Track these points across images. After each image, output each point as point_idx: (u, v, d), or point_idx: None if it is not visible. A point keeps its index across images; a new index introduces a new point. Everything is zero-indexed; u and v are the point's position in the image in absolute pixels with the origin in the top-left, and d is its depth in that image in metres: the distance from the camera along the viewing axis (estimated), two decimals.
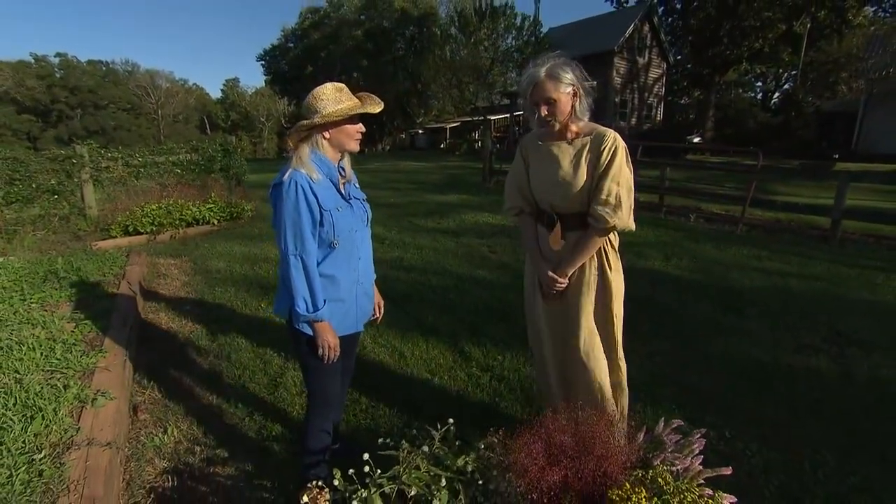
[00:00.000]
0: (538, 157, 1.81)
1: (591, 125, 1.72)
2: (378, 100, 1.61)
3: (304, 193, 1.49)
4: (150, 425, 2.34)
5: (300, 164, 1.53)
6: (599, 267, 1.76)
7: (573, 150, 1.71)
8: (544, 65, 1.63)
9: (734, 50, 21.61)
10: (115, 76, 50.64)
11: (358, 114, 1.57)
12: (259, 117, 44.84)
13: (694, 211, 7.51)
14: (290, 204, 1.49)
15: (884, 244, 5.77)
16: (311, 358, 1.65)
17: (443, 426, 1.50)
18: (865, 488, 1.89)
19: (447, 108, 30.29)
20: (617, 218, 1.64)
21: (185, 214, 6.39)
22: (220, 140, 8.49)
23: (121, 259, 4.83)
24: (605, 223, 1.65)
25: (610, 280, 1.77)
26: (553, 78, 1.61)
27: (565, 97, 1.63)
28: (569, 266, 1.76)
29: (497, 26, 21.10)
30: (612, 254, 1.78)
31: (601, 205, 1.65)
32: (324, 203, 1.53)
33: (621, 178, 1.64)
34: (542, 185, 1.79)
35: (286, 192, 1.49)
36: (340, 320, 1.67)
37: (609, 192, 1.64)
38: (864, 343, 3.14)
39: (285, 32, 38.74)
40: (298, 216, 1.49)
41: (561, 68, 1.61)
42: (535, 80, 1.63)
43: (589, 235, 1.71)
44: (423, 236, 6.23)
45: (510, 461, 1.31)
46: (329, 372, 1.71)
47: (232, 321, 3.55)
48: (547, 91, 1.62)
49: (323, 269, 1.58)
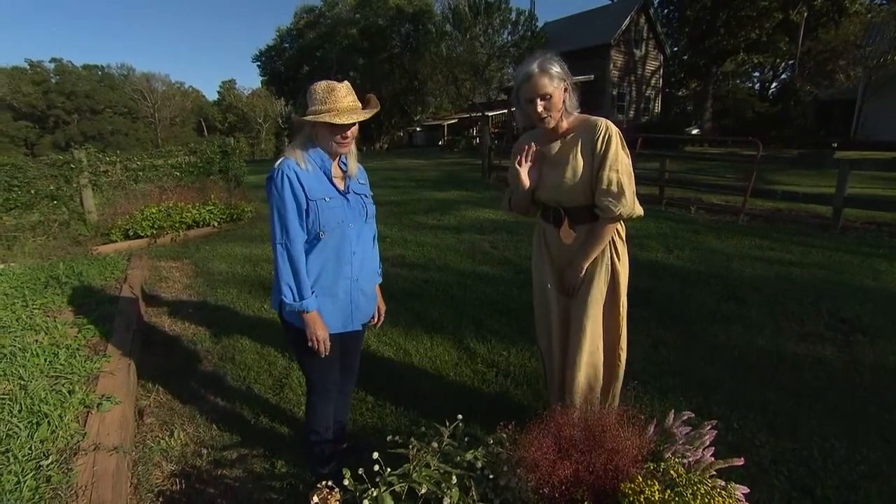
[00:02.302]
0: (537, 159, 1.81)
1: (581, 117, 1.73)
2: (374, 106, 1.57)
3: (290, 182, 1.51)
4: (157, 429, 2.33)
5: (291, 152, 1.56)
6: (610, 257, 1.77)
7: (568, 147, 1.72)
8: (535, 60, 1.63)
9: (731, 40, 21.54)
10: (111, 80, 50.54)
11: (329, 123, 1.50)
12: (256, 118, 44.73)
13: (694, 202, 7.49)
14: (276, 192, 1.52)
15: (885, 231, 5.74)
16: (303, 348, 1.66)
17: (451, 423, 1.49)
18: (874, 475, 1.89)
19: (444, 105, 30.27)
20: (622, 206, 1.64)
21: (185, 217, 6.38)
22: (219, 142, 8.48)
23: (122, 263, 4.82)
24: (610, 213, 1.65)
25: (619, 270, 1.78)
26: (546, 73, 1.61)
27: (558, 92, 1.64)
28: (584, 259, 1.76)
29: (492, 21, 21.05)
30: (619, 243, 1.80)
31: (604, 195, 1.65)
32: (310, 192, 1.53)
33: (619, 164, 1.64)
34: (545, 187, 1.80)
35: (274, 182, 1.52)
36: (333, 316, 1.66)
37: (610, 182, 1.64)
38: (868, 330, 3.13)
39: (280, 33, 38.59)
40: (283, 204, 1.51)
41: (551, 63, 1.62)
42: (529, 75, 1.62)
43: (600, 226, 1.72)
44: (425, 233, 6.22)
45: (520, 456, 1.30)
46: (324, 359, 1.71)
47: (235, 322, 3.55)
48: (542, 86, 1.62)
49: (310, 260, 1.58)
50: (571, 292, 1.83)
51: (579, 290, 1.81)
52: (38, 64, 45.93)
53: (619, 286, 1.79)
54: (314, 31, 35.22)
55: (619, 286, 1.79)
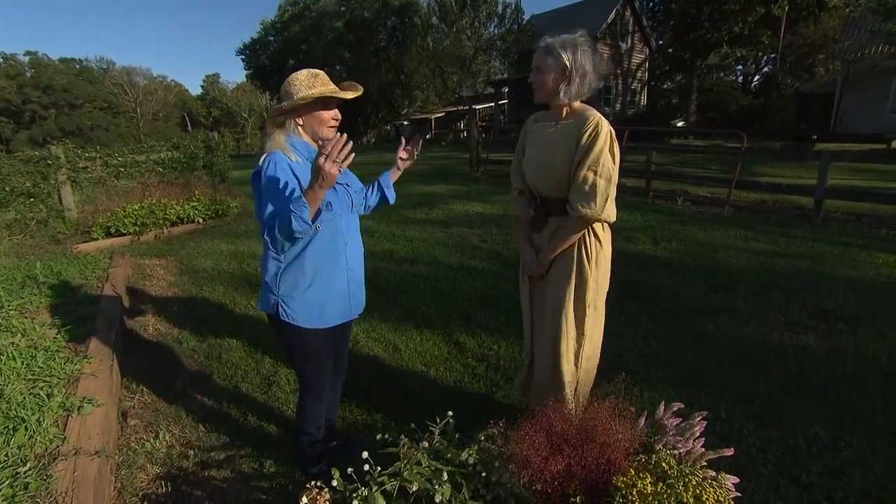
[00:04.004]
0: (531, 138, 1.80)
1: (582, 108, 1.68)
2: (357, 86, 1.57)
3: (285, 165, 1.46)
4: (141, 431, 2.28)
5: (275, 147, 1.50)
6: (578, 258, 1.71)
7: (558, 133, 1.69)
8: (557, 36, 1.61)
9: (715, 33, 21.73)
10: (90, 74, 49.14)
11: (332, 99, 1.52)
12: (241, 113, 43.90)
13: (681, 194, 7.56)
14: (269, 175, 1.44)
15: (864, 222, 5.86)
16: (298, 344, 1.64)
17: (441, 419, 1.47)
18: (857, 461, 1.93)
19: (431, 98, 30.07)
20: (588, 208, 1.57)
21: (169, 213, 6.25)
22: (202, 136, 8.31)
23: (103, 261, 4.70)
24: (576, 212, 1.60)
25: (586, 272, 1.70)
26: (548, 50, 1.60)
27: (548, 71, 1.61)
28: (548, 252, 1.74)
29: (479, 14, 20.94)
30: (592, 244, 1.71)
31: (574, 192, 1.61)
32: (305, 185, 1.49)
33: (598, 165, 1.56)
34: (527, 166, 1.79)
35: (264, 170, 1.45)
36: (333, 309, 1.66)
37: (584, 180, 1.58)
38: (849, 319, 3.20)
39: (265, 26, 37.93)
40: (277, 181, 1.43)
41: (561, 44, 1.58)
42: (538, 45, 1.63)
43: (566, 224, 1.67)
44: (413, 227, 6.18)
45: (512, 452, 1.30)
46: (320, 355, 1.69)
47: (221, 320, 3.49)
48: (536, 59, 1.63)
49: (308, 254, 1.55)
50: (533, 275, 1.84)
51: (549, 290, 1.78)
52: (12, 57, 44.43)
53: (585, 290, 1.71)
54: (299, 23, 34.68)
55: (585, 290, 1.71)
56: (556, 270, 1.75)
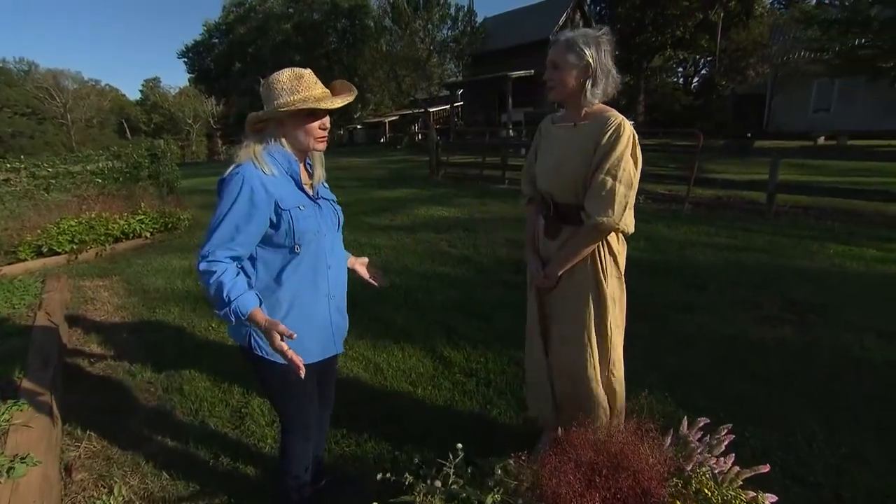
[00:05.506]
0: (546, 140, 1.68)
1: (601, 108, 1.57)
2: (351, 88, 1.40)
3: (255, 183, 1.25)
4: (90, 486, 1.97)
5: (249, 156, 1.29)
6: (594, 274, 1.60)
7: (576, 135, 1.57)
8: (575, 32, 1.50)
9: (659, 37, 22.87)
10: (9, 77, 44.90)
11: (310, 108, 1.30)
12: (185, 119, 41.69)
13: (641, 192, 7.77)
14: (227, 194, 1.25)
15: (810, 214, 6.23)
16: (276, 381, 1.45)
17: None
18: (855, 455, 1.94)
19: (385, 101, 29.73)
20: (605, 215, 1.47)
21: (112, 228, 5.73)
22: (146, 144, 7.73)
23: (34, 286, 4.20)
24: (591, 220, 1.50)
25: (605, 291, 1.60)
26: (569, 45, 1.48)
27: (569, 69, 1.49)
28: (557, 265, 1.62)
29: (432, 17, 20.94)
30: (608, 259, 1.61)
31: (590, 198, 1.50)
32: (282, 201, 1.30)
33: (619, 170, 1.46)
34: (540, 169, 1.67)
35: (225, 187, 1.27)
36: (311, 342, 1.45)
37: (602, 185, 1.47)
38: (817, 308, 3.32)
39: (208, 27, 36.28)
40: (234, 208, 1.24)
41: (584, 40, 1.47)
42: (555, 40, 1.52)
43: (580, 233, 1.56)
44: (378, 235, 5.98)
45: (541, 491, 1.17)
46: (302, 390, 1.49)
47: (179, 346, 3.16)
48: (554, 54, 1.51)
49: (285, 279, 1.36)
50: (542, 290, 1.72)
51: (563, 309, 1.68)
52: None
53: (606, 310, 1.62)
54: (245, 25, 33.43)
55: (606, 310, 1.62)
56: (571, 285, 1.63)
